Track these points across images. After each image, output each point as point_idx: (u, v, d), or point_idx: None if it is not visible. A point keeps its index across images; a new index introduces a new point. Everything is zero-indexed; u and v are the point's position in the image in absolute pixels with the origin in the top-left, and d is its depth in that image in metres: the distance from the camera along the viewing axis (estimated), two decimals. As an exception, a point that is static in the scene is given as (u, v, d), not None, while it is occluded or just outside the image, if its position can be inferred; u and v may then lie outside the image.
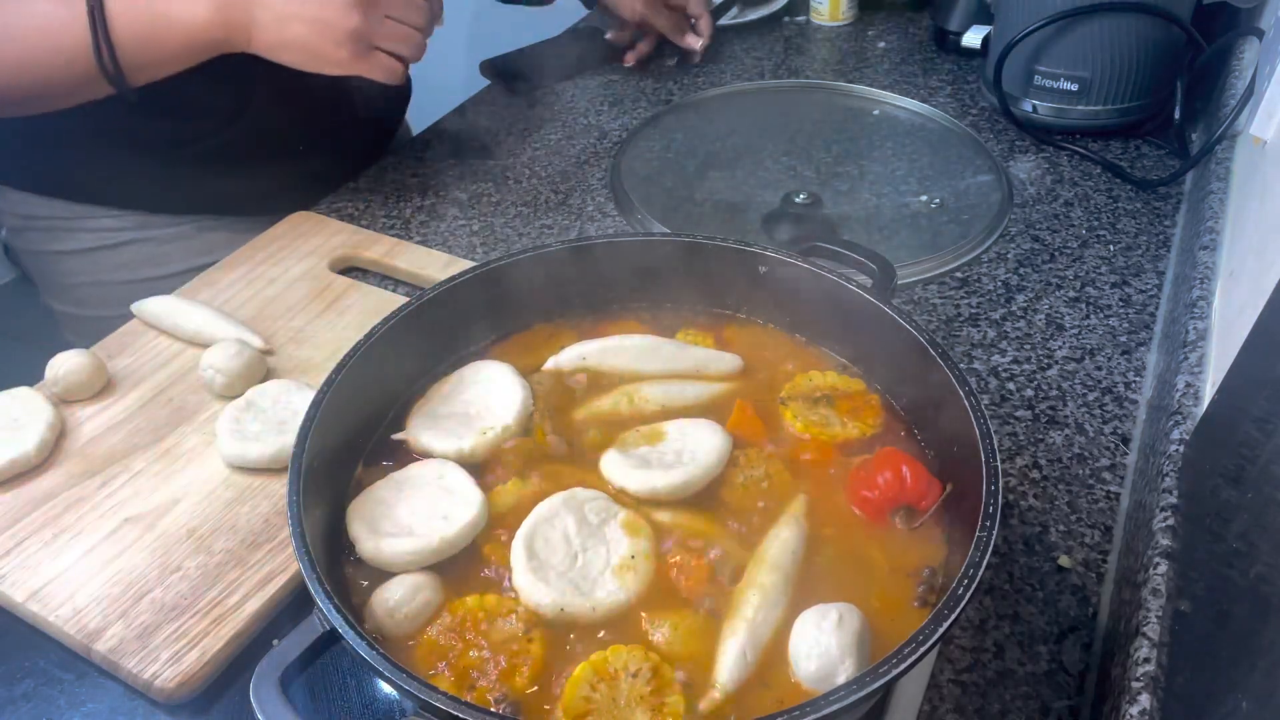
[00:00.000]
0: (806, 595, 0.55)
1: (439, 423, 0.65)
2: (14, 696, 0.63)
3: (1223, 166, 0.94)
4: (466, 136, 1.23)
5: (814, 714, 0.42)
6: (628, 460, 0.62)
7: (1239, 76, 1.06)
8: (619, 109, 1.28)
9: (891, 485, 0.58)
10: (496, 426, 0.64)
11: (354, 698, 0.60)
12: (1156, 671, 0.52)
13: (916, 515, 0.59)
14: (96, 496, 0.72)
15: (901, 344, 0.63)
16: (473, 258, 1.00)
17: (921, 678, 0.61)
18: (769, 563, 0.56)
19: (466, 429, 0.64)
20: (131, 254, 1.06)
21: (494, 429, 0.64)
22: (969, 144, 1.12)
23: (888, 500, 0.59)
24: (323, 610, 0.48)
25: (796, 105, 1.24)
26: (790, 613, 0.54)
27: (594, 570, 0.56)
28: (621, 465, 0.62)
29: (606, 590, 0.55)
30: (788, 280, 0.69)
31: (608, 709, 0.50)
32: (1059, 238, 0.99)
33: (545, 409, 0.66)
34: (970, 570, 0.47)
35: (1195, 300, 0.77)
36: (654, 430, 0.65)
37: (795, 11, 1.49)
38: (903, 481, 0.58)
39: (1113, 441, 0.77)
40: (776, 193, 1.03)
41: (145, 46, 0.86)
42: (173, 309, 0.88)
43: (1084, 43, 1.07)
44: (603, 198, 1.10)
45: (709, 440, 0.63)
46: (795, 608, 0.54)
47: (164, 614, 0.64)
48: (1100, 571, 0.68)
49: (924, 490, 0.58)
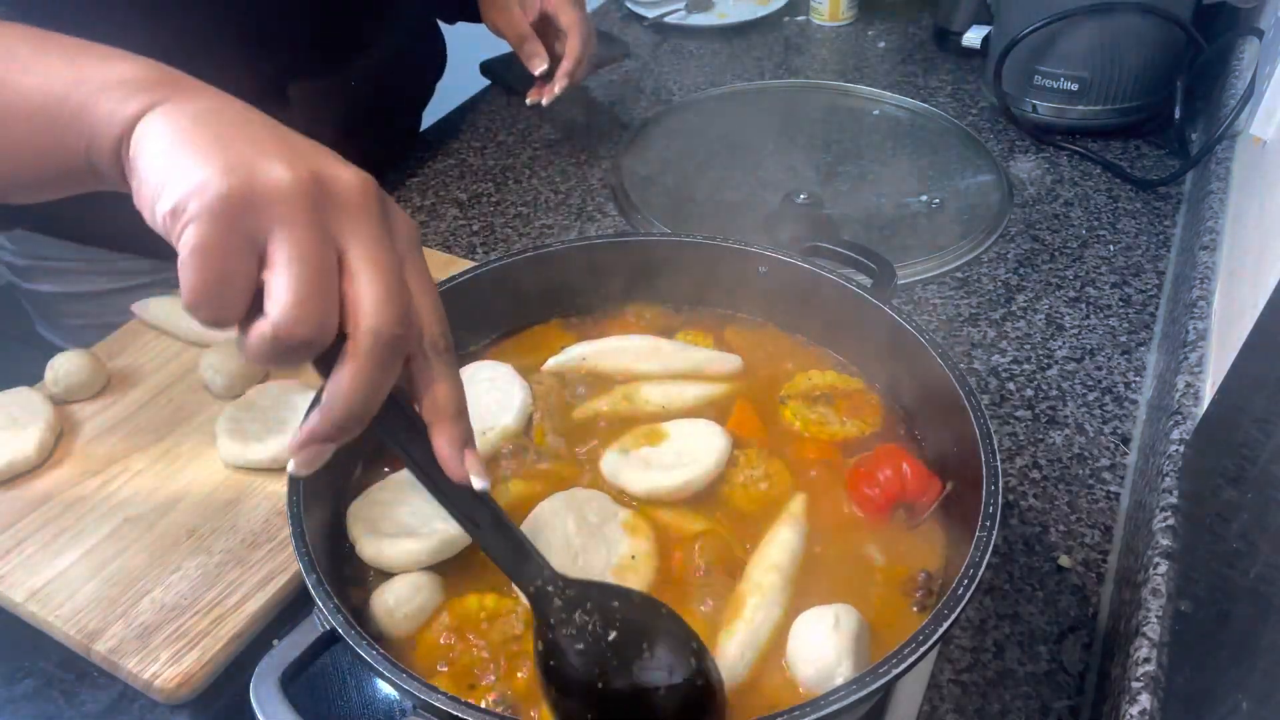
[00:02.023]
0: (805, 596, 0.55)
1: None
2: (14, 696, 0.63)
3: (1223, 166, 0.94)
4: (466, 136, 1.23)
5: (814, 714, 0.42)
6: (628, 461, 0.62)
7: (1239, 76, 1.06)
8: (619, 109, 1.28)
9: (892, 482, 0.58)
10: (496, 427, 0.64)
11: (354, 698, 0.60)
12: (1156, 671, 0.52)
13: (917, 513, 0.59)
14: (96, 496, 0.72)
15: (901, 344, 0.63)
16: (473, 258, 1.00)
17: (921, 678, 0.61)
18: (768, 563, 0.56)
19: None
20: (142, 295, 1.04)
21: (494, 430, 0.64)
22: (969, 144, 1.12)
23: (888, 497, 0.59)
24: (323, 610, 0.48)
25: (796, 105, 1.24)
26: (789, 613, 0.54)
27: (594, 570, 0.56)
28: (622, 466, 0.62)
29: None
30: (788, 280, 0.69)
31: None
32: (1059, 238, 0.99)
33: (545, 409, 0.66)
34: (970, 570, 0.47)
35: (1195, 300, 0.77)
36: (654, 431, 0.65)
37: (795, 11, 1.49)
38: (903, 479, 0.58)
39: (1113, 441, 0.77)
40: (776, 193, 1.02)
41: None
42: (173, 309, 0.88)
43: (1084, 43, 1.07)
44: (603, 198, 1.10)
45: (709, 441, 0.63)
46: (794, 608, 0.54)
47: (164, 614, 0.64)
48: (1100, 571, 0.68)
49: (924, 488, 0.58)
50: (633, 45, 1.43)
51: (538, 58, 1.09)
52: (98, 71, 0.49)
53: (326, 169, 0.45)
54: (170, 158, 0.43)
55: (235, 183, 0.41)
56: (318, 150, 0.46)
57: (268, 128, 0.46)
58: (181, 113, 0.46)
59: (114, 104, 0.47)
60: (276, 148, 0.44)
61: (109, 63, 0.49)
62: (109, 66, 0.49)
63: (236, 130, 0.45)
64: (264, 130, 0.46)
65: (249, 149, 0.43)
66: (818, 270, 0.68)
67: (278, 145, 0.44)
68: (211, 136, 0.44)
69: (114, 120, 0.47)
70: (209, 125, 0.45)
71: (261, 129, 0.46)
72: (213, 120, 0.45)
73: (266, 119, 0.47)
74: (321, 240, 0.43)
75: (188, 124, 0.45)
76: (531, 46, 1.09)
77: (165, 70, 0.50)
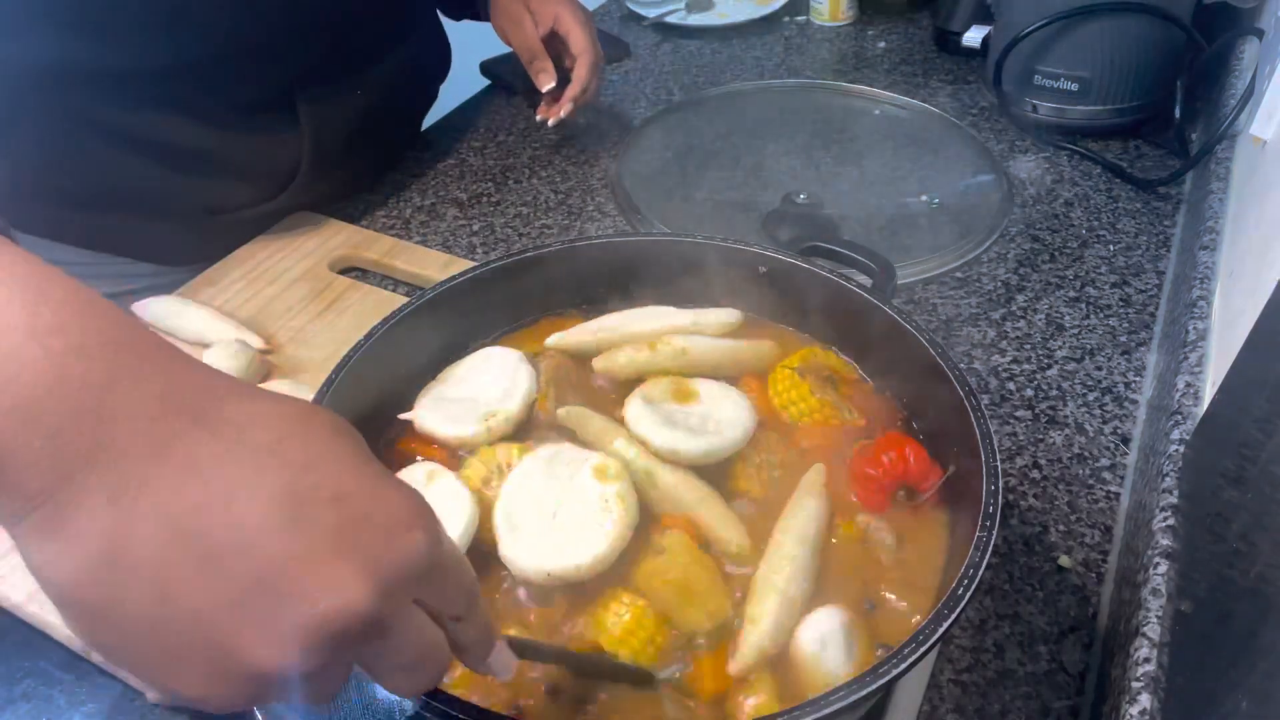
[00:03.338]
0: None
1: (445, 406, 0.65)
2: (14, 696, 0.63)
3: (1223, 166, 0.94)
4: (467, 136, 1.23)
5: (814, 714, 0.42)
6: (653, 413, 0.61)
7: (1239, 76, 1.06)
8: (619, 109, 1.28)
9: (896, 465, 0.59)
10: (499, 414, 0.64)
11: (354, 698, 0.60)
12: (1156, 671, 0.52)
13: (917, 495, 0.59)
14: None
15: (901, 344, 0.63)
16: (473, 258, 1.00)
17: (921, 678, 0.61)
18: (796, 533, 0.56)
19: (470, 415, 0.64)
20: (143, 296, 1.03)
21: (497, 416, 0.64)
22: (969, 144, 1.12)
23: (892, 478, 0.59)
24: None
25: (796, 105, 1.24)
26: (816, 591, 0.54)
27: (572, 526, 0.55)
28: (647, 417, 0.61)
29: (587, 543, 0.54)
30: (788, 280, 0.69)
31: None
32: (1059, 238, 0.99)
33: (550, 381, 0.66)
34: (970, 570, 0.47)
35: (1195, 300, 0.77)
36: (684, 388, 0.64)
37: (795, 11, 1.49)
38: (906, 462, 0.59)
39: (1113, 441, 0.77)
40: (776, 193, 1.02)
41: None
42: (173, 309, 0.88)
43: (1084, 43, 1.07)
44: (603, 198, 1.10)
45: (738, 415, 0.62)
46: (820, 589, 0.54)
47: (164, 614, 0.64)
48: (1100, 571, 0.68)
49: (926, 472, 0.59)
50: (633, 45, 1.43)
51: (546, 74, 1.10)
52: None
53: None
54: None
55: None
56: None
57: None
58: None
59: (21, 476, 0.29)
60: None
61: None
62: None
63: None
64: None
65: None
66: (818, 270, 0.68)
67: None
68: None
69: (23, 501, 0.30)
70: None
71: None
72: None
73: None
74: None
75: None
76: (541, 63, 1.10)
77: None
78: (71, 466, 0.29)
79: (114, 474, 0.30)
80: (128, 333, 0.32)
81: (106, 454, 0.30)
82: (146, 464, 0.30)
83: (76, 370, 0.30)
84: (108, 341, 0.31)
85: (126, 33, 0.85)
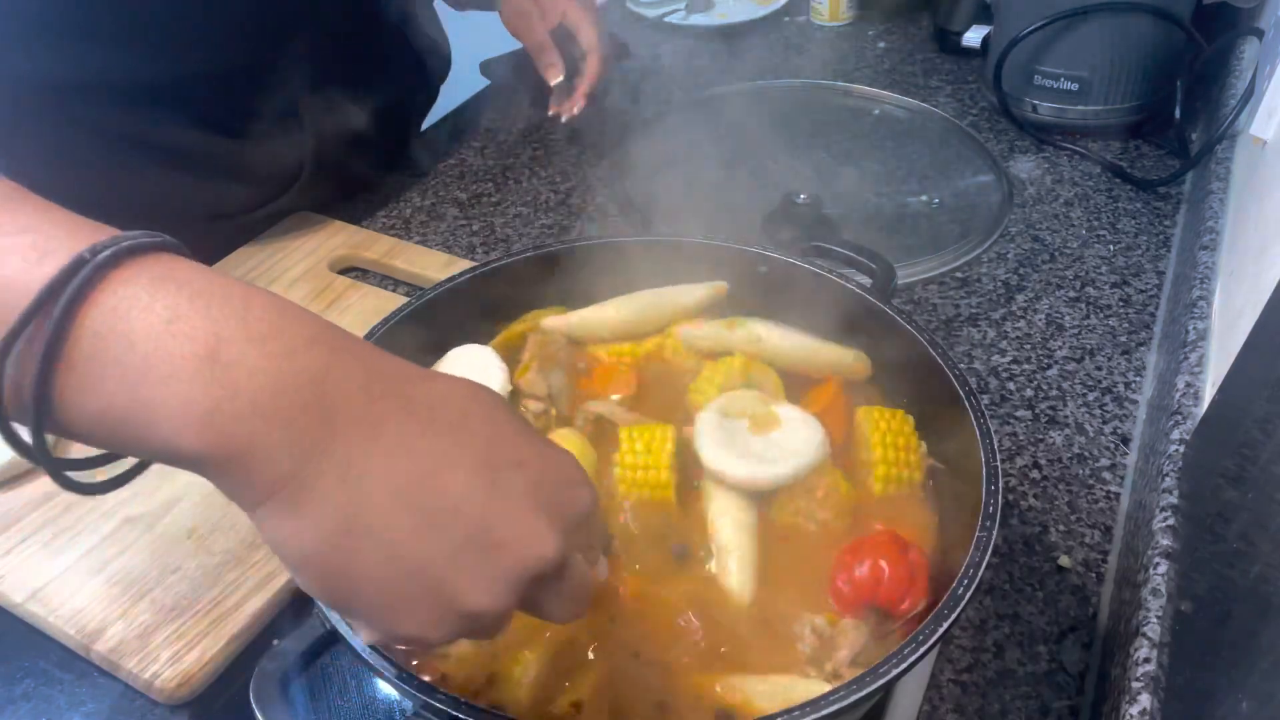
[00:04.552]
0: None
1: None
2: (14, 696, 0.63)
3: (1223, 166, 0.94)
4: (467, 136, 1.23)
5: (814, 714, 0.42)
6: (725, 433, 0.60)
7: (1239, 76, 1.06)
8: (619, 109, 1.28)
9: (865, 582, 0.52)
10: None
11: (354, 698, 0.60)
12: (1156, 671, 0.52)
13: (890, 620, 0.52)
14: (97, 497, 0.72)
15: (901, 344, 0.63)
16: (473, 258, 1.00)
17: (921, 678, 0.61)
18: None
19: None
20: None
21: None
22: (969, 144, 1.12)
23: (861, 597, 0.52)
24: (323, 610, 0.48)
25: (796, 105, 1.24)
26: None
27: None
28: (714, 437, 0.59)
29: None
30: (788, 280, 0.69)
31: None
32: (1059, 238, 0.99)
33: (535, 355, 0.67)
34: (970, 570, 0.47)
35: (1195, 300, 0.77)
36: (769, 415, 0.61)
37: (795, 11, 1.49)
38: (879, 579, 0.51)
39: (1113, 441, 0.77)
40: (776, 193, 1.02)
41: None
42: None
43: (1084, 43, 1.07)
44: (603, 198, 1.10)
45: (808, 435, 0.60)
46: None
47: (164, 614, 0.64)
48: (1100, 571, 0.68)
49: (902, 593, 0.52)
50: (633, 45, 1.42)
51: (554, 68, 1.10)
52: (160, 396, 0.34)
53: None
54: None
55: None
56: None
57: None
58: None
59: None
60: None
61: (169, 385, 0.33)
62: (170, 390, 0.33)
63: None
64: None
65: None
66: (818, 270, 0.68)
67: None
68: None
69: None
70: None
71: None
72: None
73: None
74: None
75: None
76: (549, 57, 1.10)
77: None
78: (307, 453, 0.34)
79: (340, 455, 0.35)
80: (324, 331, 0.36)
81: (332, 440, 0.35)
82: (365, 444, 0.35)
83: (292, 368, 0.34)
84: (310, 340, 0.35)
85: (133, 45, 0.85)
